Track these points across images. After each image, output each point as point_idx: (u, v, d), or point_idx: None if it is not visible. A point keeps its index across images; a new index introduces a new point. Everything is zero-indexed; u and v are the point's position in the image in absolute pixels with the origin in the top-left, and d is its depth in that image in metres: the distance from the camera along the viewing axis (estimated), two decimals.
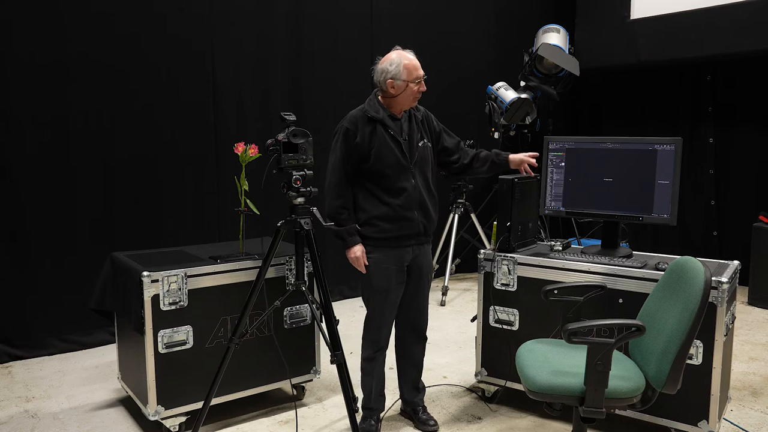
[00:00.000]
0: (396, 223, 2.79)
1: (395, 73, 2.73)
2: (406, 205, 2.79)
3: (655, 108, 6.20)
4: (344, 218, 2.79)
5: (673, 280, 2.28)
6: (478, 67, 5.99)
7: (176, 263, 2.96)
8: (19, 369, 3.82)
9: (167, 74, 4.38)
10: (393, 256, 2.82)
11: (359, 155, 2.76)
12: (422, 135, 2.87)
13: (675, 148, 2.91)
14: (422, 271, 2.91)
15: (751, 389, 3.44)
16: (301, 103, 4.98)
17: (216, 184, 4.62)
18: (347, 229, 2.77)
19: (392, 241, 2.81)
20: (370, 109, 2.79)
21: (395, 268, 2.83)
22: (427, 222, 2.87)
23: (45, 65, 3.93)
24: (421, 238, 2.88)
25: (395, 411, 3.17)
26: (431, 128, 2.94)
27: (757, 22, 4.97)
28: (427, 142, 2.88)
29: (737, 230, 5.58)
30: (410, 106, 2.84)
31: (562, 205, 3.20)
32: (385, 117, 2.79)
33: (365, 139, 2.74)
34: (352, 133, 2.75)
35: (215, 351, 2.95)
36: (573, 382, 2.15)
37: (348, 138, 2.76)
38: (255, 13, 4.73)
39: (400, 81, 2.74)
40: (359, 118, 2.78)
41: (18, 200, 3.92)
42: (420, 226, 2.84)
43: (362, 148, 2.75)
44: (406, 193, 2.78)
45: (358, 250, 2.77)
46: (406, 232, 2.82)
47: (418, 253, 2.88)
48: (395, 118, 2.83)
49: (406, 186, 2.78)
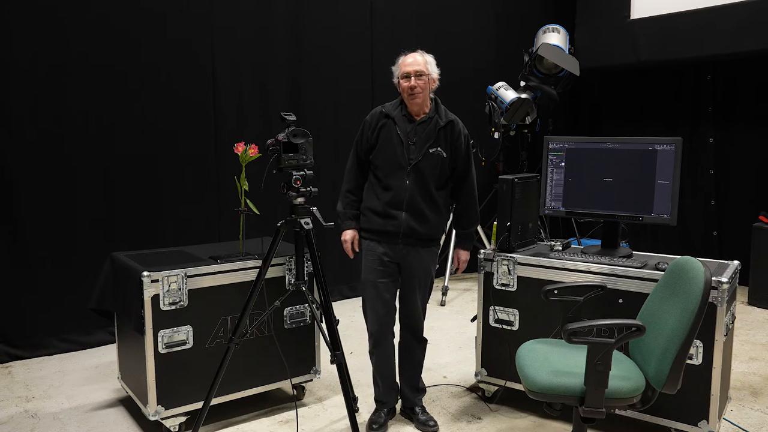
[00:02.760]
0: (382, 218, 2.86)
1: (394, 72, 2.90)
2: (392, 203, 2.83)
3: (655, 108, 6.20)
4: (347, 202, 2.96)
5: (673, 280, 2.28)
6: (478, 67, 5.99)
7: (176, 263, 2.96)
8: (19, 369, 3.82)
9: (167, 74, 4.38)
10: (380, 250, 2.88)
11: (369, 146, 2.90)
12: (437, 142, 2.84)
13: (675, 148, 2.91)
14: (412, 272, 2.90)
15: (751, 389, 3.44)
16: (301, 103, 4.98)
17: (216, 184, 4.62)
18: (345, 213, 2.95)
19: (379, 235, 2.88)
20: (391, 105, 2.92)
21: (380, 261, 2.88)
22: (418, 225, 2.84)
23: (45, 65, 3.93)
24: (409, 239, 2.85)
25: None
26: (452, 140, 2.88)
27: (757, 22, 4.97)
28: (441, 151, 2.84)
29: (737, 230, 5.58)
30: (414, 105, 2.83)
31: (562, 205, 3.20)
32: (398, 116, 2.86)
33: (375, 132, 2.88)
34: (368, 124, 2.92)
35: (215, 351, 2.95)
36: (573, 382, 2.15)
37: (364, 129, 2.93)
38: (255, 13, 4.73)
39: (396, 79, 2.90)
40: (378, 112, 2.92)
41: (18, 200, 3.92)
42: (405, 228, 2.82)
43: (371, 141, 2.89)
44: (393, 191, 2.82)
45: (347, 234, 2.93)
46: (391, 230, 2.84)
47: (406, 253, 2.87)
48: (411, 119, 2.86)
49: (396, 184, 2.82)
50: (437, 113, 2.88)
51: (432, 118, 2.86)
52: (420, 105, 2.84)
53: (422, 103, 2.84)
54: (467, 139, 2.94)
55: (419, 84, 2.79)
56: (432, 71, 2.85)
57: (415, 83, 2.79)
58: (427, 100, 2.88)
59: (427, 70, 2.82)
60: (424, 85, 2.81)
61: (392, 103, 2.94)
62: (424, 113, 2.87)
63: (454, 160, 2.90)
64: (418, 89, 2.80)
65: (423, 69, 2.81)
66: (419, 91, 2.80)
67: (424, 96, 2.83)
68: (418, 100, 2.82)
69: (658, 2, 5.60)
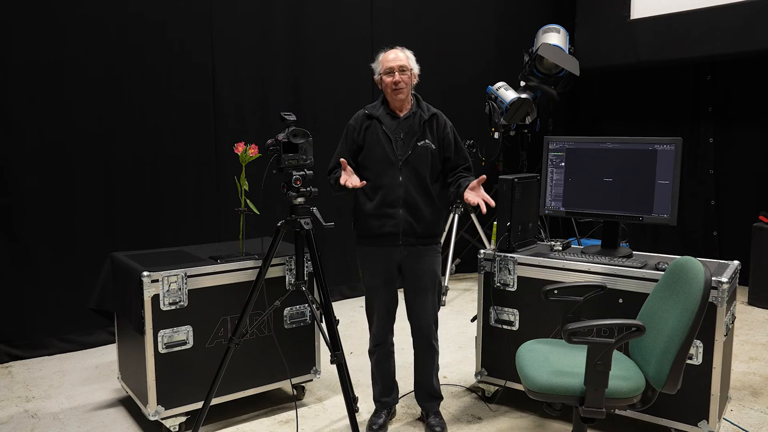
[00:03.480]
0: (378, 220, 2.82)
1: (375, 69, 2.89)
2: (387, 201, 2.80)
3: (655, 108, 6.20)
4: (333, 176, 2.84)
5: (673, 280, 2.28)
6: (478, 67, 5.99)
7: (176, 263, 2.96)
8: (19, 369, 3.82)
9: (167, 74, 4.38)
10: (379, 256, 2.85)
11: (356, 149, 2.88)
12: (424, 135, 2.84)
13: (675, 148, 2.91)
14: (416, 274, 2.86)
15: (751, 389, 3.44)
16: (301, 103, 4.98)
17: (216, 184, 4.62)
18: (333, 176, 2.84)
19: (376, 239, 2.84)
20: (372, 106, 2.90)
21: (381, 267, 2.86)
22: (415, 222, 2.81)
23: (45, 66, 3.93)
24: (409, 238, 2.82)
25: (411, 412, 3.17)
26: (439, 131, 2.88)
27: (757, 22, 4.97)
28: (429, 143, 2.84)
29: (737, 230, 5.58)
30: (397, 101, 2.82)
31: (562, 205, 3.20)
32: (382, 114, 2.85)
33: (360, 134, 2.87)
34: (352, 128, 2.90)
35: (215, 351, 2.95)
36: (573, 382, 2.15)
37: (348, 133, 2.91)
38: (255, 13, 4.73)
39: (377, 76, 2.88)
40: (362, 114, 2.90)
41: (18, 200, 3.92)
42: (404, 225, 2.80)
43: (357, 143, 2.87)
44: (386, 189, 2.80)
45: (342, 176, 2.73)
46: (389, 230, 2.80)
47: (407, 254, 2.84)
48: (395, 116, 2.85)
49: (388, 182, 2.80)
50: (420, 108, 2.88)
51: (415, 113, 2.86)
52: (403, 101, 2.84)
53: (405, 99, 2.84)
54: (453, 129, 2.94)
55: (403, 79, 2.79)
56: (413, 66, 2.86)
57: (399, 78, 2.78)
58: (410, 95, 2.88)
59: (409, 65, 2.83)
60: (407, 80, 2.81)
61: (373, 104, 2.92)
62: (407, 109, 2.87)
63: (444, 151, 2.89)
64: (402, 84, 2.79)
65: (406, 64, 2.81)
66: (403, 86, 2.79)
67: (407, 91, 2.83)
68: (402, 96, 2.81)
69: (658, 2, 5.60)
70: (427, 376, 2.99)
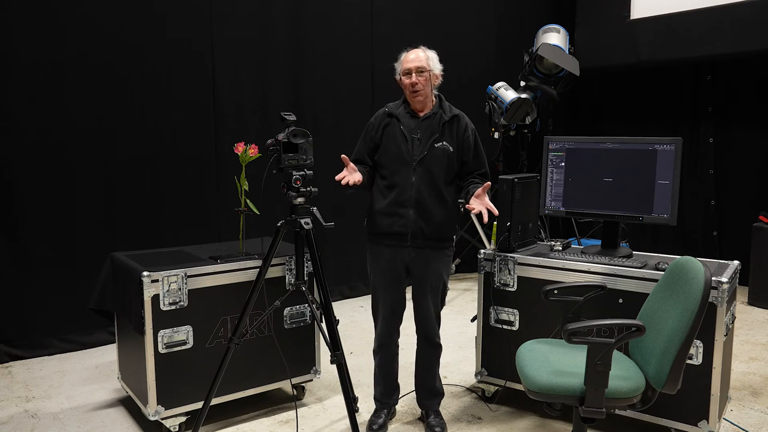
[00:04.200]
0: (389, 219, 2.81)
1: (396, 69, 2.89)
2: (399, 201, 2.79)
3: (655, 108, 6.20)
4: None
5: (673, 280, 2.28)
6: (478, 67, 5.99)
7: (176, 263, 2.96)
8: (19, 369, 3.82)
9: (167, 74, 4.38)
10: (387, 255, 2.85)
11: (374, 147, 2.89)
12: (442, 136, 2.81)
13: (675, 148, 2.91)
14: (422, 277, 2.85)
15: (751, 389, 3.44)
16: (301, 103, 4.98)
17: (216, 184, 4.62)
18: None
19: (385, 238, 2.83)
20: (394, 105, 2.91)
21: (388, 267, 2.85)
22: (425, 224, 2.79)
23: (45, 66, 3.93)
24: (417, 240, 2.80)
25: (411, 411, 3.17)
26: (459, 134, 2.84)
27: (757, 22, 4.97)
28: (447, 145, 2.81)
29: (737, 230, 5.58)
30: (416, 101, 2.81)
31: (562, 205, 3.20)
32: (401, 113, 2.85)
33: (379, 132, 2.87)
34: (372, 126, 2.91)
35: (215, 351, 2.95)
36: (573, 382, 2.15)
37: (367, 131, 2.93)
38: (255, 13, 4.73)
39: (398, 76, 2.87)
40: (382, 113, 2.91)
41: (18, 200, 3.92)
42: (413, 226, 2.78)
43: (375, 141, 2.88)
44: (399, 188, 2.79)
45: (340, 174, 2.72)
46: (398, 230, 2.79)
47: (415, 256, 2.82)
48: (414, 115, 2.85)
49: (401, 182, 2.79)
50: (441, 108, 2.86)
51: (436, 113, 2.84)
52: (423, 102, 2.82)
53: (425, 100, 2.82)
54: (474, 133, 2.90)
55: (420, 81, 2.77)
56: (434, 67, 2.82)
57: (416, 80, 2.77)
58: (431, 96, 2.86)
59: (428, 66, 2.80)
60: (425, 82, 2.78)
61: (395, 102, 2.93)
62: (428, 109, 2.85)
63: (463, 155, 2.85)
64: (419, 86, 2.77)
65: (424, 65, 2.79)
66: (420, 87, 2.78)
67: (426, 92, 2.81)
68: (420, 97, 2.80)
69: (658, 2, 5.60)
70: (430, 375, 3.00)
